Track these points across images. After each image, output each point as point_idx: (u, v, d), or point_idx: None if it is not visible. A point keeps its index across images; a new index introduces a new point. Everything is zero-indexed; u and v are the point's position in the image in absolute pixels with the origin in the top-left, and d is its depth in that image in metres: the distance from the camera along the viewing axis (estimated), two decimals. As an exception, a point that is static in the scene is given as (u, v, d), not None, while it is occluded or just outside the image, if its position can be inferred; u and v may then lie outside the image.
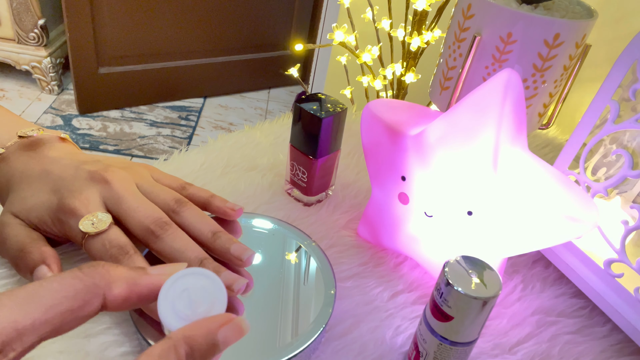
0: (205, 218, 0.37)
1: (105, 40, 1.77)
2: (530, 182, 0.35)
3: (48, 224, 0.36)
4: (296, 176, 0.49)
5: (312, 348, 0.34)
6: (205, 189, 0.42)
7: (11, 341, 0.17)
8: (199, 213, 0.37)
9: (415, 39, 0.95)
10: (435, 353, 0.32)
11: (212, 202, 0.41)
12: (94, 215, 0.34)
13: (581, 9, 0.50)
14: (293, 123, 0.47)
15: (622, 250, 0.39)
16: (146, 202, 0.36)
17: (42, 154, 0.39)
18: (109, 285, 0.21)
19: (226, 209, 0.40)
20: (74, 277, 0.20)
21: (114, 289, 0.21)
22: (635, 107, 0.39)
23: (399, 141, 0.39)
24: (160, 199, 0.37)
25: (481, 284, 0.30)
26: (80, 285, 0.20)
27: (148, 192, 0.38)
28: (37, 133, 0.39)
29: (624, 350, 0.41)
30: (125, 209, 0.35)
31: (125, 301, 0.21)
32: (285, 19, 2.12)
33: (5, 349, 0.17)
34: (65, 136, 0.42)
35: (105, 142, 1.75)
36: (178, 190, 0.41)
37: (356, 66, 1.08)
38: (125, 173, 0.38)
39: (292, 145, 0.48)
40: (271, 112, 2.14)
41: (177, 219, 0.37)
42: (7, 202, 0.37)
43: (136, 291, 0.21)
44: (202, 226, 0.36)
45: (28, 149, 0.39)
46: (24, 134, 0.39)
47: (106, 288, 0.20)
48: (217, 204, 0.40)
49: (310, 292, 0.37)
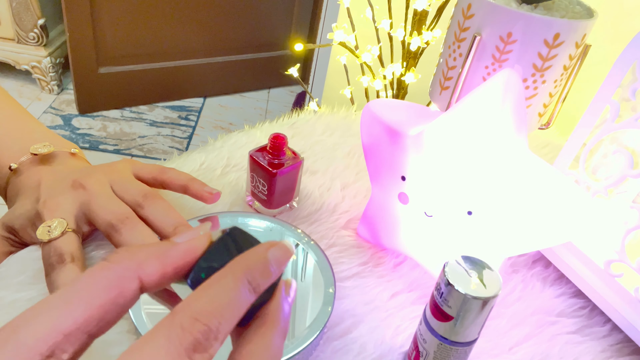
0: (170, 212, 0.38)
1: (105, 40, 1.77)
2: (530, 182, 0.35)
3: (28, 232, 0.38)
4: (257, 188, 0.47)
5: (311, 347, 0.34)
6: (185, 173, 0.43)
7: (59, 344, 0.18)
8: (165, 207, 0.38)
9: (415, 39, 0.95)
10: (435, 353, 0.32)
11: (190, 185, 0.42)
12: (52, 222, 0.36)
13: (581, 9, 0.50)
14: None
15: (622, 250, 0.39)
16: (113, 200, 0.38)
17: (49, 168, 0.41)
18: (140, 267, 0.20)
19: (203, 192, 0.41)
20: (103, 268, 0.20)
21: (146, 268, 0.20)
22: (635, 107, 0.39)
23: (399, 141, 0.39)
24: (129, 195, 0.39)
25: (481, 284, 0.30)
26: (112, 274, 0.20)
27: (120, 190, 0.39)
28: (49, 149, 0.42)
29: (624, 350, 0.41)
30: (94, 209, 0.37)
31: (163, 277, 0.21)
32: (285, 19, 2.12)
33: (55, 352, 0.17)
34: (76, 151, 0.44)
35: (105, 142, 1.75)
36: (158, 175, 0.42)
37: (356, 66, 1.08)
38: (102, 175, 0.40)
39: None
40: (271, 112, 2.14)
41: (142, 212, 0.38)
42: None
43: (170, 264, 0.21)
44: (165, 219, 0.37)
45: (39, 163, 0.41)
46: (35, 151, 0.41)
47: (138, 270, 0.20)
48: (195, 187, 0.41)
49: (309, 290, 0.37)
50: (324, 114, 0.66)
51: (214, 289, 0.19)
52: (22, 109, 0.46)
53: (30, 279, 0.37)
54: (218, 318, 0.18)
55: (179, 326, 0.18)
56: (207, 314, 0.18)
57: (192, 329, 0.18)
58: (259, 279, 0.21)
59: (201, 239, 0.22)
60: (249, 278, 0.20)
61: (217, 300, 0.19)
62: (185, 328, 0.18)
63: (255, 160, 0.46)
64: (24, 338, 0.17)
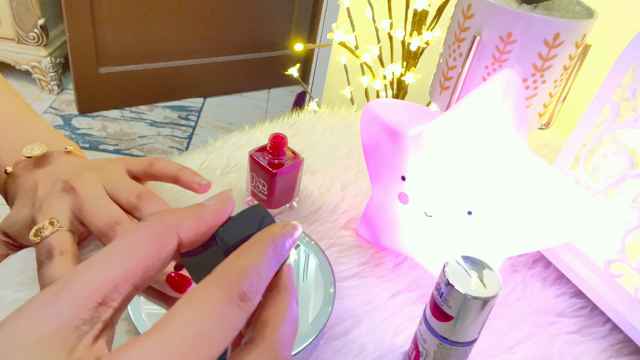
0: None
1: (105, 40, 1.77)
2: (530, 182, 0.35)
3: (24, 237, 0.39)
4: (257, 188, 0.47)
5: (311, 347, 0.34)
6: (175, 162, 0.43)
7: (110, 293, 0.19)
8: (160, 205, 0.39)
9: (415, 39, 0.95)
10: (435, 353, 0.32)
11: (180, 175, 0.42)
12: (43, 223, 0.36)
13: (581, 9, 0.50)
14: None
15: (622, 250, 0.39)
16: (105, 203, 0.38)
17: (43, 170, 0.41)
18: (177, 223, 0.22)
19: (193, 183, 0.41)
20: (144, 226, 0.21)
21: (183, 225, 0.22)
22: (635, 107, 0.39)
23: (399, 141, 0.39)
24: (122, 196, 0.39)
25: (481, 284, 0.30)
26: (153, 231, 0.21)
27: (113, 191, 0.39)
28: (42, 150, 0.41)
29: (624, 350, 0.41)
30: (85, 214, 0.37)
31: (197, 234, 0.23)
32: (285, 19, 2.12)
33: (106, 300, 0.19)
34: (71, 149, 0.44)
35: (105, 142, 1.75)
36: (147, 168, 0.42)
37: (356, 66, 1.08)
38: (94, 175, 0.39)
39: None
40: (271, 112, 2.14)
41: (139, 215, 0.38)
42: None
43: (204, 221, 0.23)
44: None
45: (34, 166, 0.41)
46: (29, 154, 0.41)
47: (176, 227, 0.22)
48: (185, 177, 0.42)
49: (310, 290, 0.37)
50: (324, 114, 0.66)
51: (249, 253, 0.22)
52: (20, 104, 0.46)
53: (30, 279, 0.37)
54: (257, 275, 0.21)
55: (227, 278, 0.20)
56: (249, 271, 0.21)
57: (239, 280, 0.20)
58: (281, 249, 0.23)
59: (228, 202, 0.24)
60: (273, 247, 0.22)
61: (254, 262, 0.21)
62: (233, 280, 0.20)
63: (255, 160, 0.46)
64: (77, 288, 0.19)
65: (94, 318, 0.18)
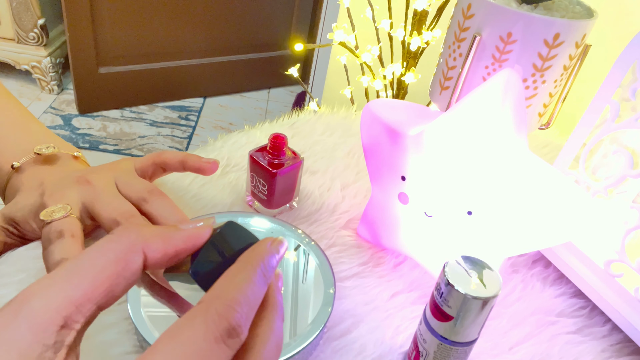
0: (173, 209, 0.38)
1: (105, 40, 1.77)
2: (530, 182, 0.35)
3: (29, 222, 0.38)
4: (257, 188, 0.47)
5: (311, 347, 0.34)
6: (178, 151, 0.43)
7: (72, 314, 0.18)
8: (168, 204, 0.39)
9: (415, 39, 0.95)
10: (435, 353, 0.32)
11: (187, 161, 0.42)
12: (56, 206, 0.36)
13: (581, 9, 0.50)
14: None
15: (622, 250, 0.39)
16: (118, 197, 0.38)
17: (51, 168, 0.41)
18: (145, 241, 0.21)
19: (201, 164, 0.42)
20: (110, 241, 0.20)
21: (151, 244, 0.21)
22: (635, 107, 0.39)
23: (399, 141, 0.39)
24: (133, 191, 0.39)
25: (481, 284, 0.30)
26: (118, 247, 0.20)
27: (124, 187, 0.40)
28: (52, 150, 0.42)
29: (624, 350, 0.41)
30: (97, 206, 0.37)
31: (164, 256, 0.21)
32: (285, 19, 2.12)
33: (68, 322, 0.18)
34: (79, 155, 0.45)
35: (105, 142, 1.75)
36: (156, 158, 0.43)
37: (356, 66, 1.08)
38: (108, 172, 0.40)
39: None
40: (271, 112, 2.14)
41: (146, 207, 0.38)
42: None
43: (172, 245, 0.22)
44: (170, 216, 0.38)
45: (42, 163, 0.42)
46: (39, 151, 0.42)
47: (143, 244, 0.21)
48: (193, 160, 0.42)
49: (310, 290, 0.37)
50: (324, 114, 0.66)
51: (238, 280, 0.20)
52: (25, 110, 0.46)
53: (30, 278, 0.37)
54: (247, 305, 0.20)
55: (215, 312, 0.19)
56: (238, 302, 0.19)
57: (229, 314, 0.19)
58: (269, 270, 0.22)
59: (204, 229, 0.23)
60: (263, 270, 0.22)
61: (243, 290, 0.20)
62: (222, 314, 0.19)
63: (255, 160, 0.46)
64: (37, 308, 0.18)
65: (57, 343, 0.17)
